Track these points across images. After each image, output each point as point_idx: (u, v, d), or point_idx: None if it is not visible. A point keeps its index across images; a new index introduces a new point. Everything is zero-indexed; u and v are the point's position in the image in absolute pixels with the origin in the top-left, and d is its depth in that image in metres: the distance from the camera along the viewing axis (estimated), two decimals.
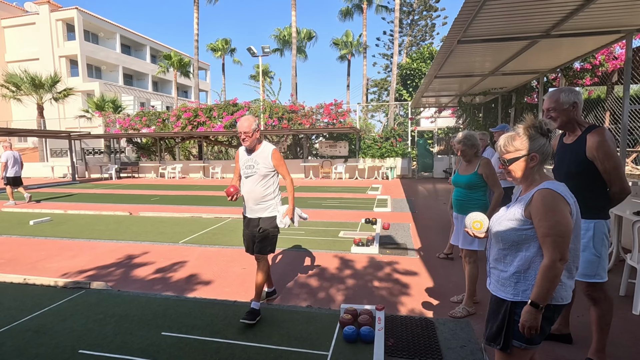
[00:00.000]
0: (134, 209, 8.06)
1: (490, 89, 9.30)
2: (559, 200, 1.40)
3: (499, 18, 4.20)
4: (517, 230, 1.47)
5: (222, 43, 34.13)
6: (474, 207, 2.87)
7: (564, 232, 1.37)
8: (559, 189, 1.43)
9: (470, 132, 3.00)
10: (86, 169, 18.86)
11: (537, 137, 1.49)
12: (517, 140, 1.51)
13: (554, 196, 1.40)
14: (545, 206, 1.40)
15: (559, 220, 1.37)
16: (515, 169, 1.52)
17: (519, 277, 1.48)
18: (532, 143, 1.48)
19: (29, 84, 19.28)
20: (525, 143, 1.49)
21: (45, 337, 2.59)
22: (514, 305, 1.48)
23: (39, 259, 4.52)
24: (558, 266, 1.36)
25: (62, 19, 27.90)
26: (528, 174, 1.51)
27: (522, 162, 1.50)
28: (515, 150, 1.50)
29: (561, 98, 2.12)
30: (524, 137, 1.50)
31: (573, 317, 2.62)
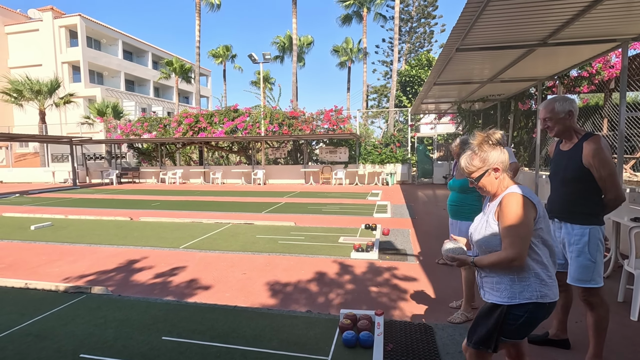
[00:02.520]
0: (134, 214, 8.08)
1: (489, 95, 9.37)
2: (522, 202, 1.48)
3: (496, 27, 4.27)
4: (496, 235, 1.54)
5: (223, 49, 34.41)
6: (467, 212, 2.93)
7: (524, 234, 1.45)
8: (524, 192, 1.51)
9: (467, 137, 3.06)
10: (87, 174, 18.91)
11: (491, 150, 1.59)
12: (475, 159, 1.60)
13: (518, 198, 1.49)
14: (509, 208, 1.48)
15: (522, 222, 1.45)
16: (485, 184, 1.60)
17: (513, 279, 1.52)
18: (489, 157, 1.57)
19: (30, 90, 19.42)
20: (483, 159, 1.58)
21: (47, 342, 2.60)
22: (510, 308, 1.52)
23: (40, 264, 4.54)
24: (511, 265, 1.46)
25: (65, 26, 28.18)
26: (497, 185, 1.60)
27: (488, 177, 1.58)
28: (478, 168, 1.59)
29: (556, 107, 2.17)
30: (481, 154, 1.59)
31: (571, 323, 2.64)
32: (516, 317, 1.51)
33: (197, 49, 22.19)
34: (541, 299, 1.50)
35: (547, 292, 1.51)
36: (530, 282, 1.50)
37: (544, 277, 1.51)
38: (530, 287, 1.50)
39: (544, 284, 1.51)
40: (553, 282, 1.54)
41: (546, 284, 1.51)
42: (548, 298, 1.51)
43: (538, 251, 1.52)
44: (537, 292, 1.50)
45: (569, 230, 2.16)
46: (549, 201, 2.35)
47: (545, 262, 1.53)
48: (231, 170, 17.23)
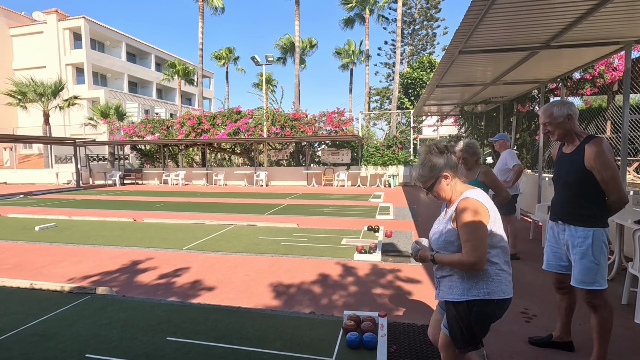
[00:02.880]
0: (137, 215, 8.12)
1: (491, 97, 9.37)
2: (477, 206, 1.54)
3: (499, 29, 4.28)
4: (453, 240, 1.60)
5: (226, 51, 34.59)
6: None
7: (481, 237, 1.51)
8: (478, 197, 1.58)
9: (471, 140, 3.08)
10: (90, 175, 19.00)
11: (439, 158, 1.65)
12: (425, 168, 1.66)
13: (473, 203, 1.55)
14: (466, 213, 1.53)
15: (478, 226, 1.51)
16: (438, 191, 1.67)
17: (462, 276, 1.59)
18: (438, 165, 1.64)
19: (34, 91, 19.56)
20: (432, 168, 1.64)
21: (53, 342, 2.63)
22: (469, 304, 1.57)
23: (45, 264, 4.57)
24: (472, 269, 1.52)
25: (69, 28, 28.40)
26: (450, 190, 1.66)
27: (439, 184, 1.65)
28: (429, 177, 1.65)
29: (555, 112, 2.18)
30: (430, 163, 1.65)
31: (575, 325, 2.64)
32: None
33: (200, 51, 22.31)
34: (488, 295, 1.54)
35: (494, 289, 1.55)
36: (478, 279, 1.56)
37: (492, 274, 1.56)
38: (478, 285, 1.56)
39: (491, 281, 1.56)
40: (502, 278, 1.57)
41: (494, 281, 1.56)
42: (496, 295, 1.55)
43: (489, 250, 1.56)
44: (484, 289, 1.55)
45: (573, 233, 2.16)
46: (552, 203, 2.36)
47: (496, 261, 1.58)
48: (234, 172, 17.27)
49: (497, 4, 3.52)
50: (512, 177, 4.62)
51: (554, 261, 2.34)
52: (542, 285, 3.64)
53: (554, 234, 2.33)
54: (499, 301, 1.56)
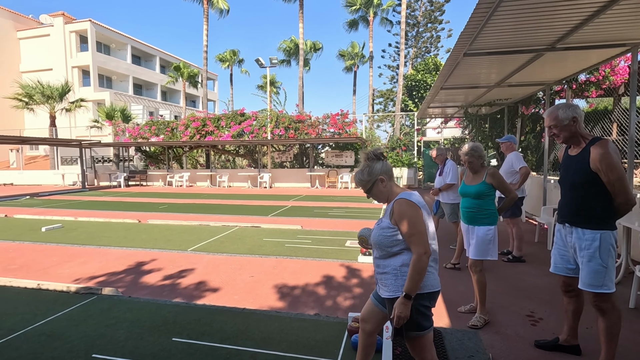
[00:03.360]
0: (142, 216, 8.17)
1: (496, 99, 9.34)
2: (412, 205, 1.71)
3: (504, 32, 4.27)
4: (389, 237, 1.74)
5: (231, 54, 34.75)
6: (484, 217, 2.91)
7: (422, 230, 1.69)
8: (411, 197, 1.74)
9: (476, 143, 3.07)
10: (95, 176, 19.14)
11: (375, 163, 1.82)
12: (364, 173, 1.82)
13: (408, 203, 1.72)
14: (403, 213, 1.70)
15: (416, 221, 1.68)
16: (376, 193, 1.83)
17: (397, 276, 1.73)
18: (375, 170, 1.80)
19: (41, 94, 19.76)
20: (371, 172, 1.81)
21: (60, 341, 2.65)
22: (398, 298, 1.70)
23: (51, 265, 4.61)
24: (424, 259, 1.65)
25: (76, 31, 28.68)
26: (386, 192, 1.82)
27: (377, 187, 1.81)
28: (368, 181, 1.82)
29: (560, 115, 2.17)
30: (368, 168, 1.82)
31: (582, 329, 2.62)
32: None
33: (204, 54, 22.43)
34: (432, 288, 1.72)
35: (433, 282, 1.73)
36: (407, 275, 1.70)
37: (431, 270, 1.73)
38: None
39: (431, 275, 1.72)
40: (430, 273, 1.72)
41: (432, 275, 1.74)
42: (426, 288, 1.71)
43: None
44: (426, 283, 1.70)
45: (580, 235, 2.15)
46: (559, 206, 2.34)
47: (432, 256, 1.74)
48: (238, 174, 17.33)
49: (502, 6, 3.52)
50: (518, 180, 4.60)
51: (562, 264, 2.33)
52: (548, 288, 3.61)
53: (561, 236, 2.32)
54: (429, 294, 1.72)
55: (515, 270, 4.24)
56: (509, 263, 4.49)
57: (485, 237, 2.88)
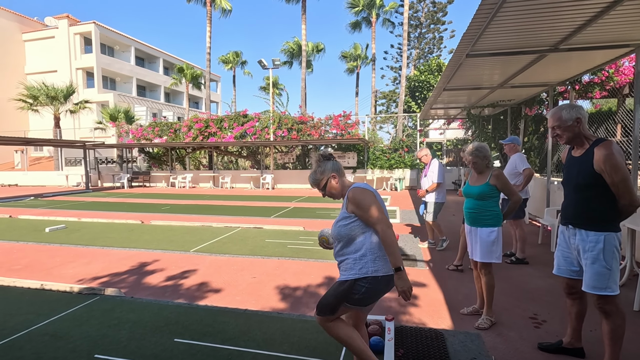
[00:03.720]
0: (145, 217, 8.20)
1: (499, 100, 9.31)
2: (364, 191, 1.90)
3: (507, 32, 4.26)
4: (347, 225, 1.90)
5: (233, 55, 34.87)
6: (487, 218, 2.87)
7: (378, 208, 1.83)
8: (362, 185, 1.94)
9: (481, 143, 3.02)
10: (99, 177, 19.24)
11: (325, 163, 2.01)
12: (317, 173, 2.01)
13: (361, 190, 1.90)
14: (358, 198, 1.86)
15: (371, 202, 1.85)
16: (330, 189, 2.02)
17: (356, 260, 1.87)
18: (326, 169, 2.00)
19: (45, 95, 19.91)
20: (322, 171, 2.00)
21: (62, 342, 2.66)
22: (356, 281, 1.85)
23: (55, 265, 4.63)
24: (389, 232, 1.80)
25: (80, 33, 28.89)
26: (339, 187, 2.01)
27: (330, 183, 2.00)
28: (321, 179, 2.00)
29: (563, 115, 2.16)
30: (319, 168, 2.01)
31: (585, 331, 2.60)
32: (359, 287, 1.84)
33: (207, 55, 22.52)
34: (375, 272, 1.84)
35: (380, 267, 1.85)
36: (366, 260, 1.86)
37: (379, 254, 1.87)
38: (367, 265, 1.85)
39: (377, 260, 1.86)
40: (386, 259, 1.86)
41: (380, 260, 1.86)
42: (382, 272, 1.85)
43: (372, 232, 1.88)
44: (371, 267, 1.85)
45: (584, 237, 2.13)
46: (562, 208, 2.33)
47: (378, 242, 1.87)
48: (240, 175, 17.36)
49: (505, 7, 3.51)
50: (522, 181, 4.58)
51: (565, 266, 2.31)
52: (552, 290, 3.59)
53: (565, 238, 2.30)
54: (383, 277, 1.85)
55: (518, 272, 4.21)
56: (512, 265, 4.47)
57: (488, 239, 2.84)
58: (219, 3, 24.56)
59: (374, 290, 1.86)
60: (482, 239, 2.87)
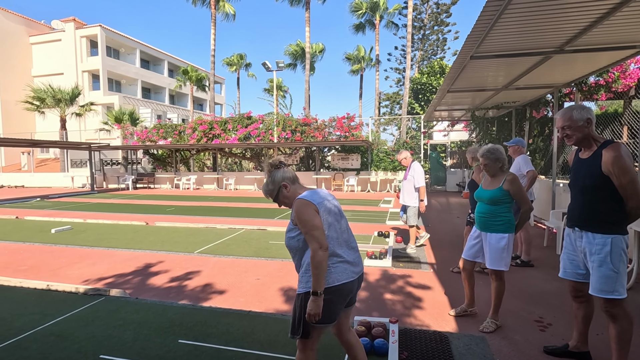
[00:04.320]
0: (150, 218, 8.24)
1: (503, 102, 9.26)
2: (305, 204, 1.77)
3: (512, 34, 4.25)
4: (293, 237, 1.83)
5: (238, 58, 34.98)
6: (498, 223, 2.78)
7: (315, 226, 1.72)
8: (306, 196, 1.81)
9: (495, 145, 2.90)
10: (104, 179, 19.37)
11: (274, 172, 1.91)
12: (268, 184, 1.92)
13: (301, 202, 1.79)
14: (297, 212, 1.76)
15: (308, 219, 1.73)
16: (282, 199, 1.92)
17: (305, 272, 1.79)
18: (277, 178, 1.90)
19: (52, 97, 20.12)
20: (273, 181, 1.90)
21: (68, 342, 2.68)
22: (305, 295, 1.75)
23: (60, 266, 4.66)
24: (320, 254, 1.68)
25: (86, 36, 29.19)
26: (291, 197, 1.89)
27: (282, 193, 1.90)
28: (273, 189, 1.91)
29: (574, 115, 2.14)
30: (270, 178, 1.92)
31: (592, 335, 2.57)
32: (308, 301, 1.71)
33: (212, 57, 22.64)
34: (332, 283, 1.75)
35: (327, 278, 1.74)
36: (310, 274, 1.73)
37: (329, 264, 1.76)
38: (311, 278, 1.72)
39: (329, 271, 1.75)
40: (331, 269, 1.76)
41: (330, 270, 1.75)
42: (326, 283, 1.73)
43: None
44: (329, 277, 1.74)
45: (590, 240, 2.12)
46: (568, 210, 2.31)
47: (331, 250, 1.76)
48: (244, 177, 17.41)
49: (509, 9, 3.50)
50: (525, 184, 4.56)
51: (571, 269, 2.29)
52: (557, 293, 3.56)
53: (571, 241, 2.29)
54: (331, 289, 1.74)
55: (523, 274, 4.18)
56: (517, 267, 4.44)
57: (498, 245, 2.76)
58: (223, 7, 24.70)
59: (325, 304, 1.72)
60: (492, 245, 2.79)
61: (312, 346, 1.81)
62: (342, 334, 1.98)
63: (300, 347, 1.81)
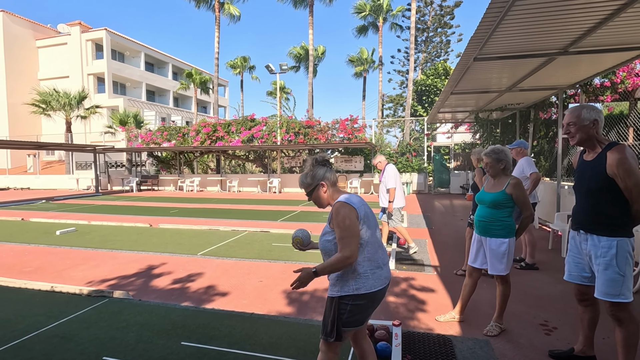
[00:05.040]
0: (153, 220, 8.27)
1: (507, 104, 9.23)
2: (349, 209, 1.73)
3: (515, 36, 4.23)
4: (330, 241, 1.78)
5: (241, 60, 35.19)
6: (498, 228, 2.72)
7: (354, 233, 1.69)
8: (349, 199, 1.77)
9: (500, 146, 2.85)
10: (109, 181, 19.49)
11: (318, 169, 1.87)
12: (308, 177, 1.88)
13: (342, 204, 1.74)
14: (339, 215, 1.72)
15: (349, 224, 1.69)
16: (315, 197, 1.88)
17: (339, 275, 1.77)
18: (318, 175, 1.86)
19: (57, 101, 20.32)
20: (313, 176, 1.87)
21: (71, 344, 2.68)
22: (340, 299, 1.75)
23: (65, 268, 4.69)
24: (347, 262, 1.68)
25: (92, 39, 29.46)
26: (326, 197, 1.87)
27: (318, 191, 1.86)
28: (310, 184, 1.87)
29: (582, 114, 2.12)
30: (312, 172, 1.87)
31: (598, 339, 2.54)
32: (344, 306, 1.74)
33: (215, 60, 22.76)
34: (356, 291, 1.73)
35: (362, 284, 1.73)
36: (348, 277, 1.75)
37: (360, 272, 1.75)
38: (348, 282, 1.74)
39: (359, 278, 1.74)
40: (369, 275, 1.75)
41: (361, 277, 1.74)
42: (364, 289, 1.73)
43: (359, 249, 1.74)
44: (353, 286, 1.73)
45: (596, 243, 2.09)
46: (573, 213, 2.29)
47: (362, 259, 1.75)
48: (247, 179, 17.44)
49: (513, 10, 3.49)
50: (529, 186, 4.53)
51: (576, 272, 2.27)
52: (562, 296, 3.52)
53: (576, 243, 2.26)
54: (366, 294, 1.74)
55: (528, 277, 4.15)
56: (521, 270, 4.40)
57: (498, 250, 2.71)
58: (228, 9, 24.85)
59: (359, 308, 1.75)
60: (492, 250, 2.74)
61: (335, 349, 1.79)
62: (358, 340, 1.96)
63: (325, 348, 1.80)
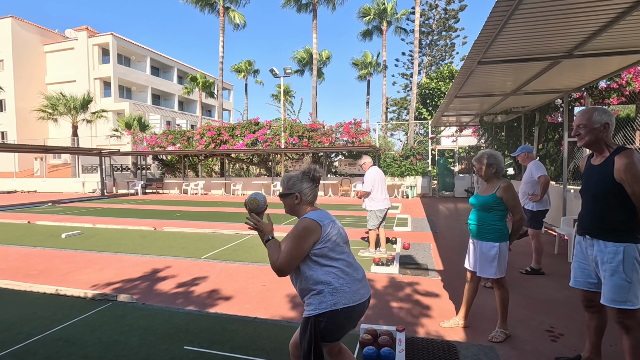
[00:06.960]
0: (158, 224, 8.31)
1: (512, 107, 9.18)
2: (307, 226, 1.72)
3: (519, 39, 4.21)
4: None
5: (246, 64, 35.36)
6: (487, 232, 2.73)
7: (296, 254, 1.70)
8: (312, 215, 1.75)
9: (491, 150, 2.90)
10: (114, 184, 19.64)
11: (304, 181, 1.84)
12: (291, 180, 1.86)
13: (305, 223, 1.73)
14: (296, 228, 1.73)
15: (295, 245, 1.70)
16: (285, 202, 1.89)
17: (314, 293, 1.73)
18: (297, 185, 1.84)
19: (64, 105, 20.56)
20: (293, 185, 1.84)
21: (75, 347, 2.69)
22: (317, 317, 1.70)
23: (70, 271, 4.72)
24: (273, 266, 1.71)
25: (98, 44, 29.84)
26: (295, 209, 1.87)
27: (289, 199, 1.85)
28: (287, 188, 1.86)
29: (594, 117, 2.10)
30: (294, 179, 1.85)
31: (605, 346, 2.50)
32: (319, 323, 1.70)
33: (220, 64, 22.94)
34: (334, 306, 1.69)
35: (338, 299, 1.70)
36: (324, 294, 1.71)
37: (337, 285, 1.71)
38: (325, 298, 1.70)
39: (336, 292, 1.71)
40: (346, 289, 1.72)
41: (338, 292, 1.71)
42: (340, 304, 1.69)
43: (329, 263, 1.73)
44: (330, 301, 1.69)
45: (602, 248, 2.07)
46: (579, 217, 2.26)
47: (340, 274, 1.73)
48: (251, 182, 17.48)
49: (517, 13, 3.48)
50: (539, 190, 4.48)
51: (582, 278, 2.24)
52: (569, 302, 3.48)
53: (582, 249, 2.23)
54: (344, 309, 1.70)
55: (533, 283, 4.10)
56: (527, 275, 4.36)
57: (488, 254, 2.71)
58: (233, 17, 25.03)
59: (336, 326, 1.72)
60: (483, 253, 2.75)
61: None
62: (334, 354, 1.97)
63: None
